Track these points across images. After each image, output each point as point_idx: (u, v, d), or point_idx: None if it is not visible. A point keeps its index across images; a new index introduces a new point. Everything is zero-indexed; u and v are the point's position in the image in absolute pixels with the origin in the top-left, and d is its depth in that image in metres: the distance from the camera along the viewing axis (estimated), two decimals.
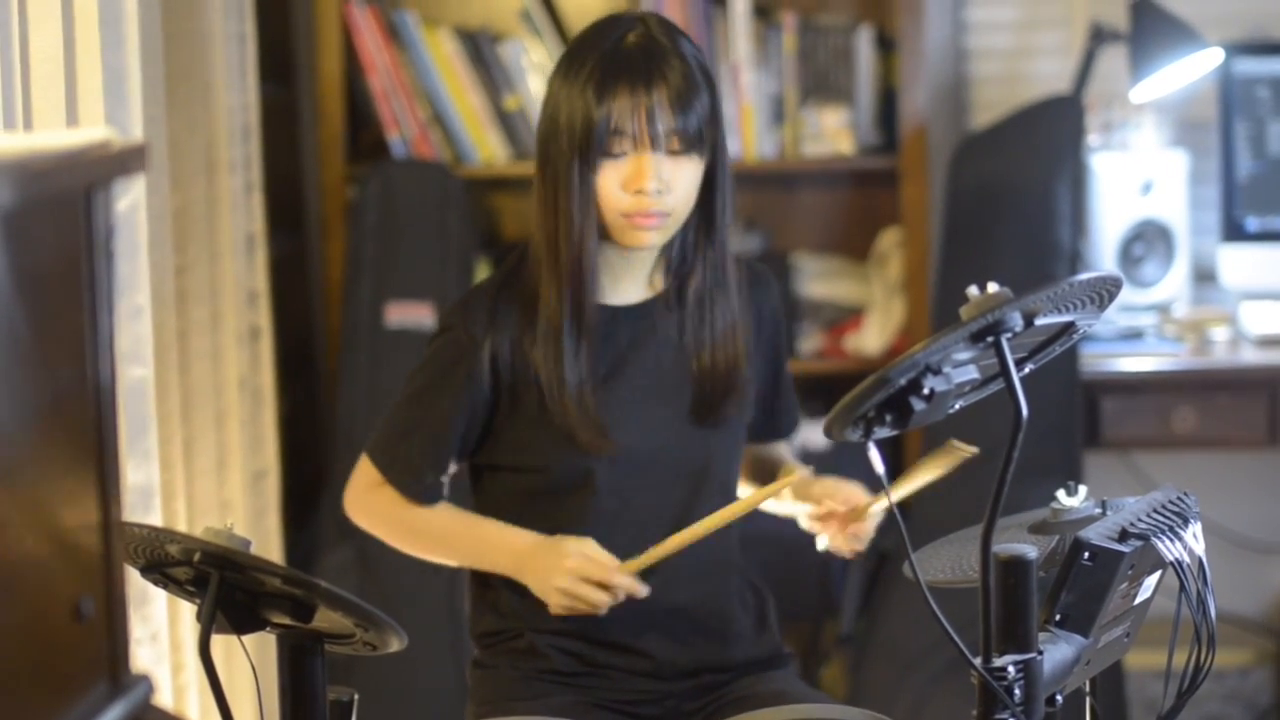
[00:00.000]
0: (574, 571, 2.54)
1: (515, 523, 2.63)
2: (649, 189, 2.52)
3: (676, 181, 2.54)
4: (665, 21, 2.60)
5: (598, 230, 2.56)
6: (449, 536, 2.66)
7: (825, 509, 2.64)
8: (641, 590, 2.56)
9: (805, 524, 2.69)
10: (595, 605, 2.55)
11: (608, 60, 2.53)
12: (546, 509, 2.62)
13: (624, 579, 2.55)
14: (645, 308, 2.64)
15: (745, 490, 2.76)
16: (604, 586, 2.54)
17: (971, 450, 2.41)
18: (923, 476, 2.50)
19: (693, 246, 2.62)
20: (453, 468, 2.67)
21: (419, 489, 2.65)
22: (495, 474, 2.67)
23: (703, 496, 2.65)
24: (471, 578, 2.71)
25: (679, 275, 2.64)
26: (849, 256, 4.42)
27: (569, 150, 2.53)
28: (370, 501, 2.69)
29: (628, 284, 2.64)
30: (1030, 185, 4.08)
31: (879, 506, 2.60)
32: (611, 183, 2.54)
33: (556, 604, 2.56)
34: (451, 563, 2.72)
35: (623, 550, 2.57)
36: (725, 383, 2.64)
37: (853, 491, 2.65)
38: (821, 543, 2.67)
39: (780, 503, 2.71)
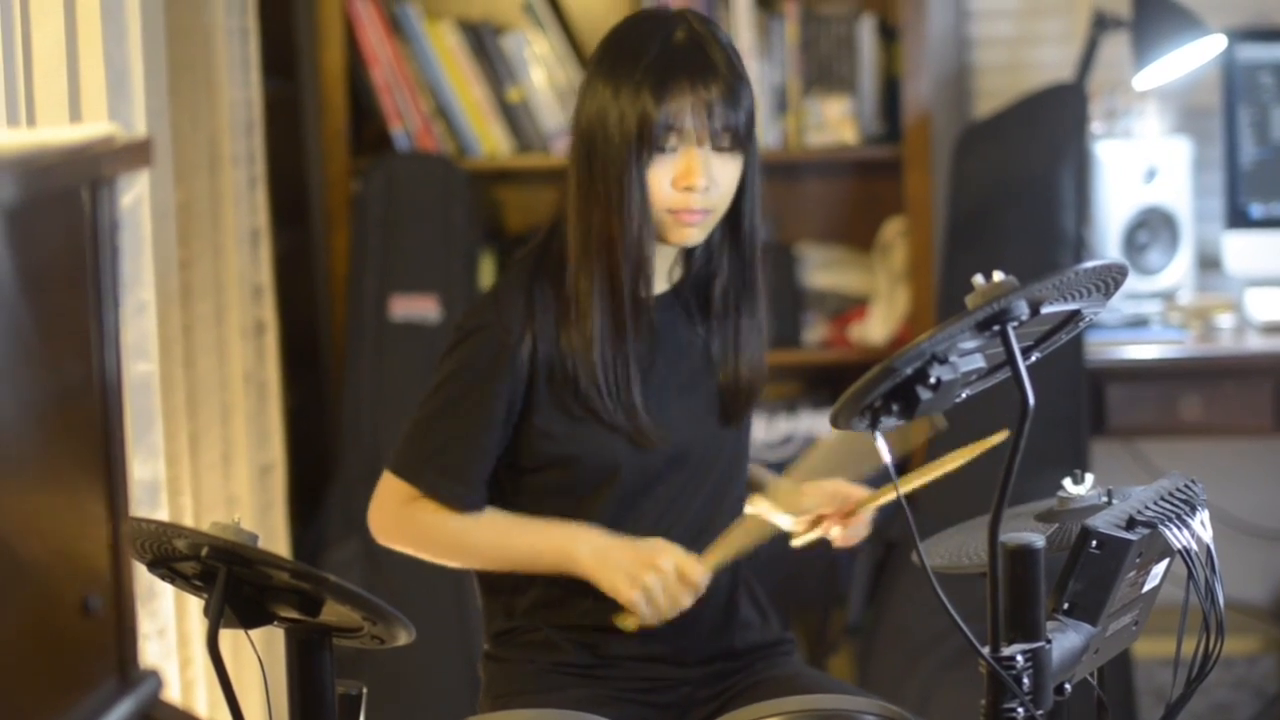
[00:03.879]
0: (666, 572, 2.51)
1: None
2: (698, 185, 2.52)
3: (722, 178, 2.54)
4: (703, 17, 2.59)
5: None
6: (499, 541, 2.59)
7: (819, 512, 2.60)
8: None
9: (794, 529, 2.60)
10: (678, 608, 2.53)
11: (663, 58, 2.51)
12: (565, 504, 2.59)
13: (702, 584, 2.53)
14: (666, 299, 2.63)
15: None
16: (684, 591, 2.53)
17: (1001, 436, 2.33)
18: (936, 470, 2.50)
19: (718, 245, 2.61)
20: None
21: (471, 499, 2.58)
22: (511, 470, 2.62)
23: (727, 492, 2.64)
24: (480, 583, 2.68)
25: (704, 275, 2.63)
26: (853, 246, 4.42)
27: (624, 147, 2.50)
28: (406, 519, 2.60)
29: (655, 277, 2.62)
30: (1034, 173, 4.07)
31: (884, 500, 2.58)
32: (662, 178, 2.52)
33: (630, 597, 2.51)
34: (498, 568, 2.63)
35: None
36: (750, 387, 2.64)
37: (849, 489, 2.61)
38: (801, 540, 2.62)
39: (771, 517, 2.61)
